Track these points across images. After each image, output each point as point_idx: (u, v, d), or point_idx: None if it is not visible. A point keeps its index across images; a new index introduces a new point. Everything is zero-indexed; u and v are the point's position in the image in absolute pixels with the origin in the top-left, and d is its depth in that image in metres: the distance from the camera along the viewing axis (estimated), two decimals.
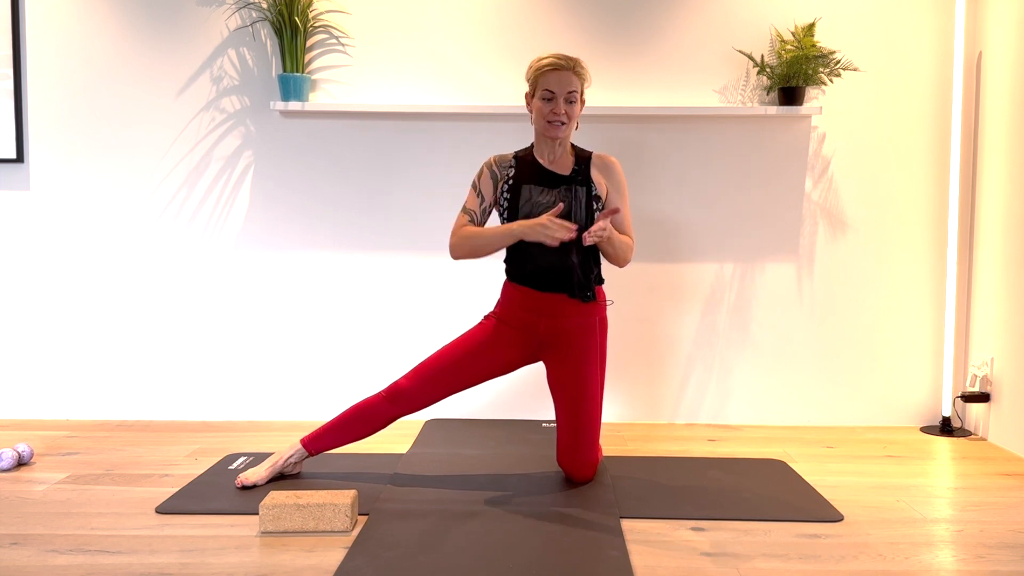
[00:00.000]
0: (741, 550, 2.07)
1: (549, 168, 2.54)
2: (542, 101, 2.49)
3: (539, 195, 2.51)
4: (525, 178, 2.54)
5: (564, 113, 2.47)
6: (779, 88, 3.20)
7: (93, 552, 2.04)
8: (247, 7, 3.28)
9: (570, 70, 2.47)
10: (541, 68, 2.49)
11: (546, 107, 2.48)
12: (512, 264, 2.59)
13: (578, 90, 2.49)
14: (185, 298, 3.38)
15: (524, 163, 2.57)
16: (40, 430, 3.19)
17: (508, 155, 2.61)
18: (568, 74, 2.47)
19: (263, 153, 3.34)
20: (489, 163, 2.60)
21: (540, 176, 2.54)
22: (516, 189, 2.53)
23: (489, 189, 2.58)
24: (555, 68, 2.47)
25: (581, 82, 2.50)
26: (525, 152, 2.61)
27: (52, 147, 3.34)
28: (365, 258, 3.37)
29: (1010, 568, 1.98)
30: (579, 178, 2.52)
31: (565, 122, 2.48)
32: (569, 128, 2.51)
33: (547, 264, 2.50)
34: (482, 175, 2.60)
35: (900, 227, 3.33)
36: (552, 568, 1.95)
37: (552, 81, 2.47)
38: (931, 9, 3.26)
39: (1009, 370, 3.05)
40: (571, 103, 2.48)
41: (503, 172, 2.58)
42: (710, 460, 2.84)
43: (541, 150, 2.57)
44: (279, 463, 2.56)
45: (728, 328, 3.38)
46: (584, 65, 2.52)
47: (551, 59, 2.48)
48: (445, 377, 2.54)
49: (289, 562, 1.99)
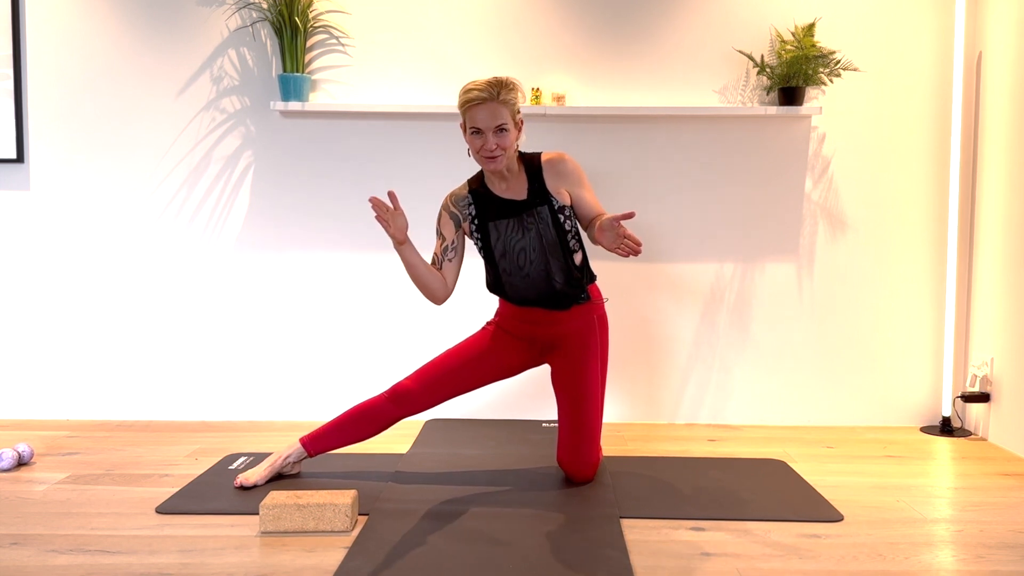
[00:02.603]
0: (741, 550, 2.07)
1: (505, 197, 2.50)
2: (472, 136, 2.41)
3: (505, 230, 2.49)
4: (488, 214, 2.51)
5: (496, 147, 2.38)
6: (779, 88, 3.20)
7: (93, 552, 2.04)
8: (247, 7, 3.28)
9: (494, 100, 2.35)
10: (465, 103, 2.38)
11: (477, 142, 2.40)
12: (498, 294, 2.61)
13: (508, 119, 2.37)
14: (185, 298, 3.38)
15: (480, 197, 2.52)
16: (40, 430, 3.19)
17: (463, 190, 2.56)
18: (493, 105, 2.35)
19: (263, 153, 3.34)
20: (446, 204, 2.57)
21: (500, 209, 2.50)
22: (483, 228, 2.52)
23: (450, 229, 2.56)
24: (478, 103, 2.35)
25: (510, 108, 2.38)
26: (478, 182, 2.54)
27: (52, 147, 3.34)
28: (365, 258, 3.37)
29: (1010, 568, 1.98)
30: (537, 200, 2.48)
31: (499, 155, 2.40)
32: (507, 156, 2.42)
33: (534, 296, 2.52)
34: (441, 218, 2.58)
35: (900, 227, 3.33)
36: (552, 568, 1.95)
37: (478, 117, 2.36)
38: (931, 9, 3.26)
39: (1009, 370, 3.05)
40: (502, 133, 2.38)
41: (464, 212, 2.55)
42: (710, 460, 2.84)
43: (491, 179, 2.52)
44: (277, 463, 2.56)
45: (728, 328, 3.38)
46: (513, 86, 2.39)
47: (475, 91, 2.35)
48: (449, 380, 2.55)
49: (289, 562, 1.99)
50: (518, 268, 2.50)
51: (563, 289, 2.50)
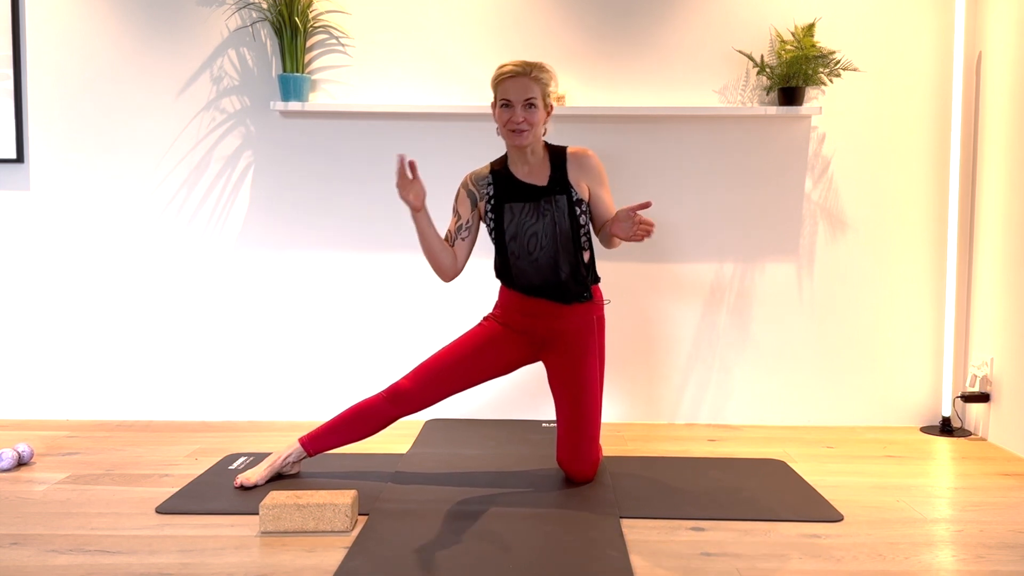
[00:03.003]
0: (741, 550, 2.07)
1: (526, 181, 2.52)
2: (501, 109, 2.46)
3: (520, 214, 2.50)
4: (505, 196, 2.53)
5: (523, 120, 2.42)
6: (779, 88, 3.20)
7: (93, 552, 2.04)
8: (247, 7, 3.28)
9: (526, 76, 2.43)
10: (499, 76, 2.46)
11: (505, 115, 2.45)
12: (503, 280, 2.61)
13: (537, 96, 2.43)
14: (185, 298, 3.38)
15: (501, 178, 2.55)
16: (40, 430, 3.19)
17: (484, 170, 2.59)
18: (524, 80, 2.43)
19: (263, 153, 3.34)
20: (465, 182, 2.60)
21: (519, 192, 2.52)
22: (499, 209, 2.53)
23: (466, 207, 2.58)
24: (511, 75, 2.43)
25: (542, 87, 2.45)
26: (501, 166, 2.58)
27: (52, 147, 3.34)
28: (365, 258, 3.37)
29: (1010, 568, 1.98)
30: (557, 188, 2.50)
31: (526, 129, 2.43)
32: (533, 134, 2.46)
33: (538, 283, 2.52)
34: (459, 196, 2.60)
35: (900, 227, 3.33)
36: (552, 568, 1.95)
37: (509, 89, 2.43)
38: (931, 9, 3.26)
39: (1009, 370, 3.04)
40: (530, 108, 2.43)
41: (482, 191, 2.57)
42: (710, 460, 2.84)
43: (515, 161, 2.54)
44: (277, 463, 2.56)
45: (728, 328, 3.38)
46: (547, 69, 2.47)
47: (509, 66, 2.45)
48: (446, 377, 2.55)
49: (289, 562, 1.99)
50: (527, 253, 2.50)
51: (567, 281, 2.50)
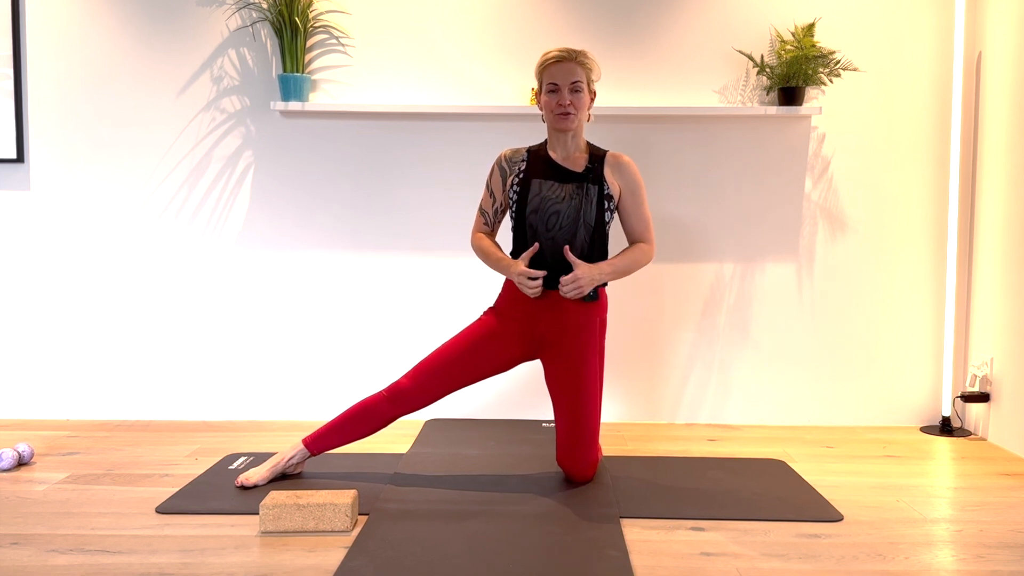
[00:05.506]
0: (741, 550, 2.07)
1: (562, 164, 2.54)
2: (547, 95, 2.50)
3: (548, 190, 2.50)
4: (536, 172, 2.54)
5: (570, 103, 2.46)
6: (779, 88, 3.20)
7: (93, 552, 2.04)
8: (247, 7, 3.28)
9: (572, 60, 2.47)
10: (544, 62, 2.50)
11: (552, 99, 2.49)
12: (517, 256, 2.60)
13: (583, 80, 2.48)
14: (185, 298, 3.38)
15: (536, 158, 2.57)
16: (40, 430, 3.19)
17: (521, 149, 2.61)
18: (570, 64, 2.47)
19: (263, 153, 3.34)
20: (499, 159, 2.61)
21: (552, 171, 2.53)
22: (526, 183, 2.53)
23: (499, 186, 2.59)
24: (557, 60, 2.48)
25: (586, 72, 2.49)
26: (539, 147, 2.60)
27: (52, 147, 3.34)
28: (365, 258, 3.37)
29: (1010, 568, 1.98)
30: (591, 176, 2.51)
31: (572, 112, 2.47)
32: (578, 119, 2.49)
33: (551, 261, 2.51)
34: (492, 173, 2.61)
35: (900, 227, 3.33)
36: (552, 568, 1.95)
37: (555, 73, 2.47)
38: (931, 9, 3.26)
39: (1009, 370, 3.05)
40: (576, 92, 2.47)
41: (513, 167, 2.58)
42: (710, 460, 2.84)
43: (554, 146, 2.56)
44: (281, 464, 2.56)
45: (728, 328, 3.38)
46: (590, 56, 2.51)
47: (554, 52, 2.49)
48: (445, 375, 2.54)
49: (289, 562, 1.99)
50: (545, 229, 2.49)
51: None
